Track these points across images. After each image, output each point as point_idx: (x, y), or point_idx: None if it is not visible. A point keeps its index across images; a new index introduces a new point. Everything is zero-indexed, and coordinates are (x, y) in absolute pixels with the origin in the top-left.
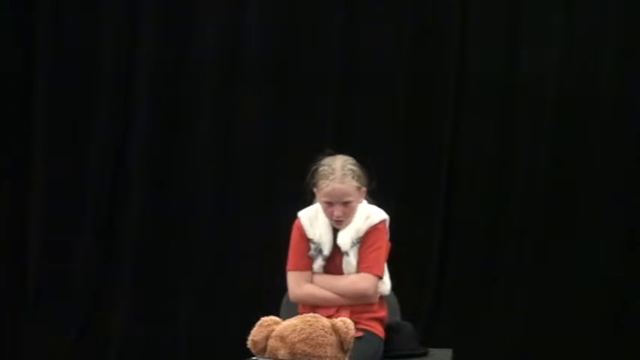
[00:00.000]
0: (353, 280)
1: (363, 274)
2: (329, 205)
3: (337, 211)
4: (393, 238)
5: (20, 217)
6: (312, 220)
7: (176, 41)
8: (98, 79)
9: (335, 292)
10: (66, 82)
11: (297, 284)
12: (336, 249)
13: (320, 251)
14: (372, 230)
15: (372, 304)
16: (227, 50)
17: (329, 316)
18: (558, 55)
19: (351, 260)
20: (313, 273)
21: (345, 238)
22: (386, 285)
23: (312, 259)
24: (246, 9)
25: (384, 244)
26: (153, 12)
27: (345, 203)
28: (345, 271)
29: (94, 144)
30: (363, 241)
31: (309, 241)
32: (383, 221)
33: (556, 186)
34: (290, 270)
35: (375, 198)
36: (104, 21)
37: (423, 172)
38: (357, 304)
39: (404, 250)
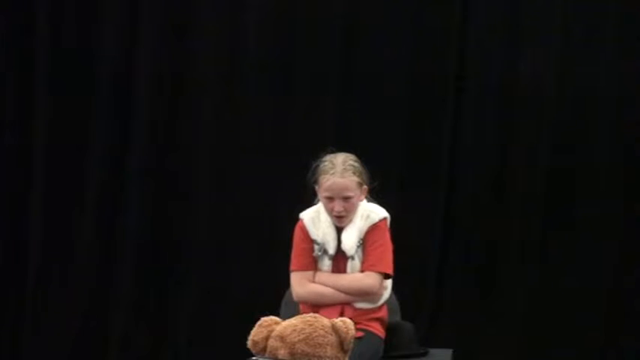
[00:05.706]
0: (357, 277)
1: (367, 272)
2: (330, 200)
3: (338, 206)
4: (393, 238)
5: (21, 216)
6: (315, 220)
7: (176, 41)
8: (98, 79)
9: (339, 290)
10: (66, 82)
11: (300, 284)
12: (340, 251)
13: (325, 251)
14: (373, 229)
15: (376, 304)
16: (227, 50)
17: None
18: (558, 55)
19: (356, 263)
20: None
21: (350, 243)
22: (387, 287)
23: (316, 260)
24: (246, 9)
25: (386, 241)
26: (153, 12)
27: (346, 198)
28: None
29: (94, 144)
30: (365, 241)
31: (312, 241)
32: (383, 219)
33: (556, 186)
34: (293, 270)
35: (375, 198)
36: (104, 21)
37: (422, 172)
38: (361, 301)
39: (404, 249)
